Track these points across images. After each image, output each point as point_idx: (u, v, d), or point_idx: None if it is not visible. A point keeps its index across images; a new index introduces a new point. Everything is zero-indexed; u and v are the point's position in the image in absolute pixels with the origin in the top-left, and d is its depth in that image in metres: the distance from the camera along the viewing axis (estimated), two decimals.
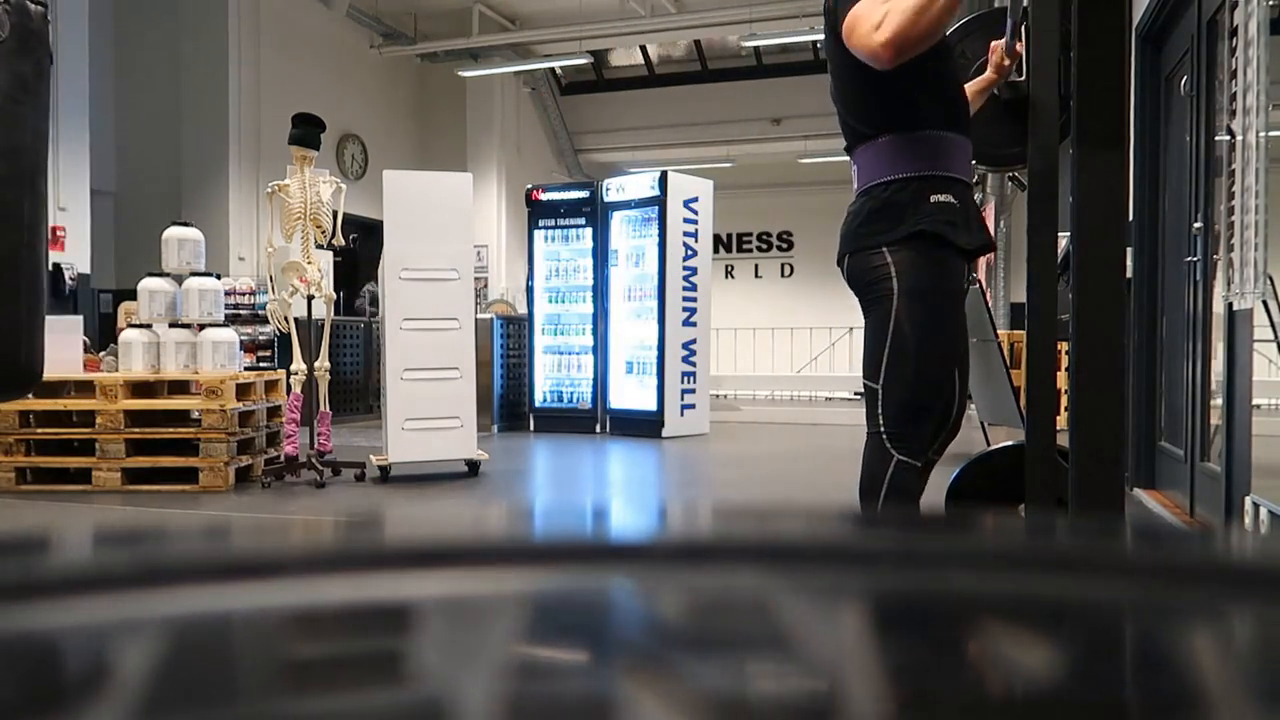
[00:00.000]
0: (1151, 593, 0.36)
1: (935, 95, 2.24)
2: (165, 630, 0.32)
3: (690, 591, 0.36)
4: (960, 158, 2.27)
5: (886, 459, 2.19)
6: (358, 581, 0.36)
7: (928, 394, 2.23)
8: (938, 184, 2.19)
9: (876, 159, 2.24)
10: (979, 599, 0.36)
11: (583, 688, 0.29)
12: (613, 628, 0.35)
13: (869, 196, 2.25)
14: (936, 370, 2.22)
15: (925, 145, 2.21)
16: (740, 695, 0.29)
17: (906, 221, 2.17)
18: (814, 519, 0.47)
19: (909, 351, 2.17)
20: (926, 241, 2.17)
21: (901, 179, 2.20)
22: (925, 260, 2.17)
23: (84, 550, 0.45)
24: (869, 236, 2.21)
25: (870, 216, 2.22)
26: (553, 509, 0.80)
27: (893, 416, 2.20)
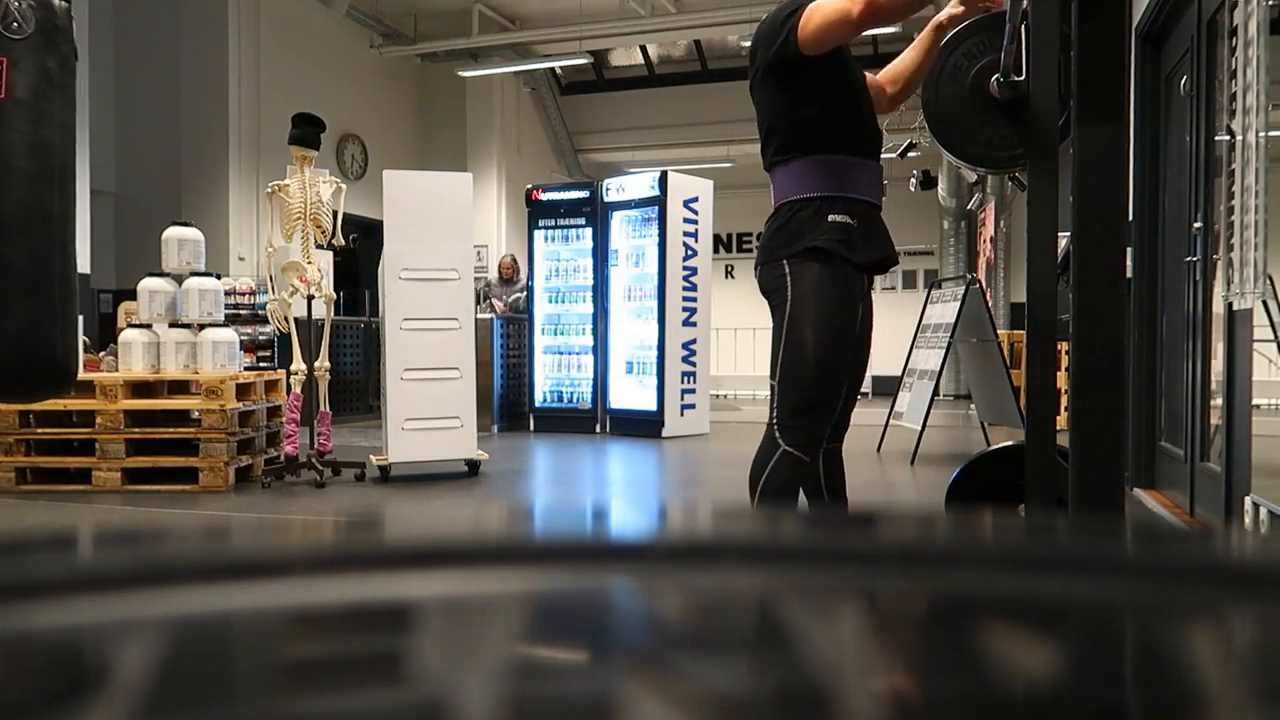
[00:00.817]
0: (1151, 593, 0.36)
1: (841, 123, 2.46)
2: (165, 630, 0.32)
3: (690, 591, 0.36)
4: (862, 180, 2.48)
5: (774, 448, 2.40)
6: (358, 581, 0.36)
7: (819, 391, 2.42)
8: (836, 204, 2.42)
9: (785, 179, 2.48)
10: (979, 599, 0.36)
11: (583, 688, 0.29)
12: (612, 628, 0.35)
13: (778, 214, 2.50)
14: (827, 370, 2.41)
15: (828, 168, 2.44)
16: (740, 695, 0.29)
17: (805, 238, 2.40)
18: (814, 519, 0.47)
19: (802, 353, 2.38)
20: (821, 256, 2.39)
21: (804, 199, 2.44)
22: (818, 272, 2.39)
23: (84, 550, 0.45)
24: (774, 250, 2.45)
25: (776, 233, 2.47)
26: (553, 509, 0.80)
27: (786, 411, 2.41)
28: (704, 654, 0.31)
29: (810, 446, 2.41)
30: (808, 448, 2.40)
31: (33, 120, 2.52)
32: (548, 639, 0.34)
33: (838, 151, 2.43)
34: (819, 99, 2.43)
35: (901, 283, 15.12)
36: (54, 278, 2.59)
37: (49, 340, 2.59)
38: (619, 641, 0.33)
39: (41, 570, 0.38)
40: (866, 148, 2.50)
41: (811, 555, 0.40)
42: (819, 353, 2.37)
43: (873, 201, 2.49)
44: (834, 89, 2.45)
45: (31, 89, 2.51)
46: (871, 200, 2.48)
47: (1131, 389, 4.67)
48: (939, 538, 0.46)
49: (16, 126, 2.51)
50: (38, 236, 2.55)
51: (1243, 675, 0.31)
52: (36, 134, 2.52)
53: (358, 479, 5.43)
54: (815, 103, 2.43)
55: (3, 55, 2.49)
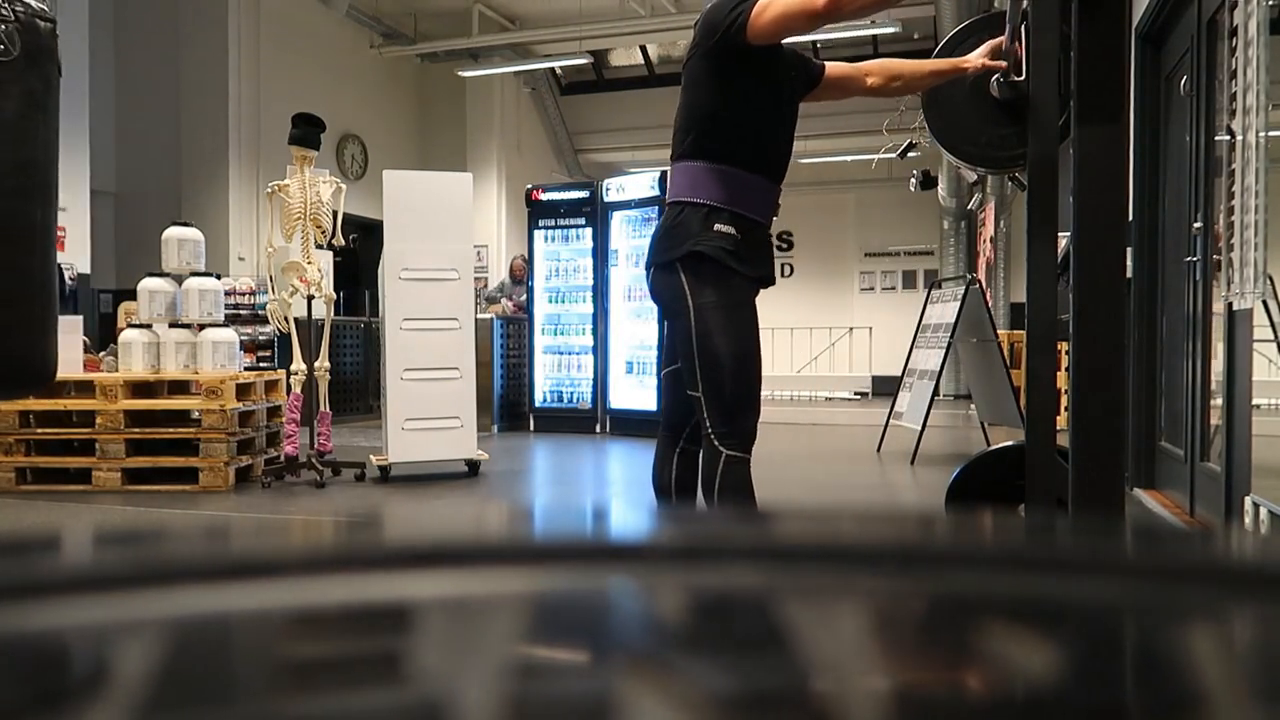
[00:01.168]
0: (1152, 593, 0.36)
1: (753, 140, 2.47)
2: (165, 630, 0.32)
3: (690, 591, 0.36)
4: (757, 200, 2.48)
5: (717, 456, 2.43)
6: (358, 581, 0.36)
7: (742, 390, 2.45)
8: (723, 216, 2.41)
9: (683, 179, 2.48)
10: (979, 599, 0.36)
11: (582, 688, 0.29)
12: (612, 628, 0.35)
13: (668, 212, 2.51)
14: (744, 368, 2.45)
15: (726, 179, 2.43)
16: (740, 695, 0.29)
17: (689, 242, 2.41)
18: (814, 519, 0.47)
19: (717, 360, 2.41)
20: (708, 263, 2.40)
21: (694, 203, 2.43)
22: (711, 279, 2.40)
23: (84, 550, 0.45)
24: (663, 252, 2.46)
25: (665, 233, 2.47)
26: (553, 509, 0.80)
27: (717, 418, 2.43)
28: (703, 654, 0.31)
29: (748, 444, 2.46)
30: (747, 447, 2.46)
31: (16, 141, 2.58)
32: (547, 639, 0.34)
33: (740, 166, 2.44)
34: (741, 107, 2.43)
35: (901, 283, 15.13)
36: (35, 287, 2.67)
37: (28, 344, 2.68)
38: (618, 641, 0.33)
39: (41, 570, 0.38)
40: (771, 169, 2.51)
41: (811, 555, 0.40)
42: (733, 354, 2.41)
43: (760, 221, 2.50)
44: (759, 101, 2.45)
45: (16, 111, 2.56)
46: (759, 220, 2.49)
47: (1131, 389, 4.67)
48: (939, 538, 0.46)
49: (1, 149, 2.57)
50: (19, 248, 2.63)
51: (1243, 675, 0.31)
52: (19, 154, 2.59)
53: (358, 479, 5.43)
54: (736, 109, 2.43)
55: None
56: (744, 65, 2.41)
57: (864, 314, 14.63)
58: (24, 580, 0.36)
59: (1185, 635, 0.33)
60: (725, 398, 2.42)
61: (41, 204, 2.65)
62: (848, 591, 0.36)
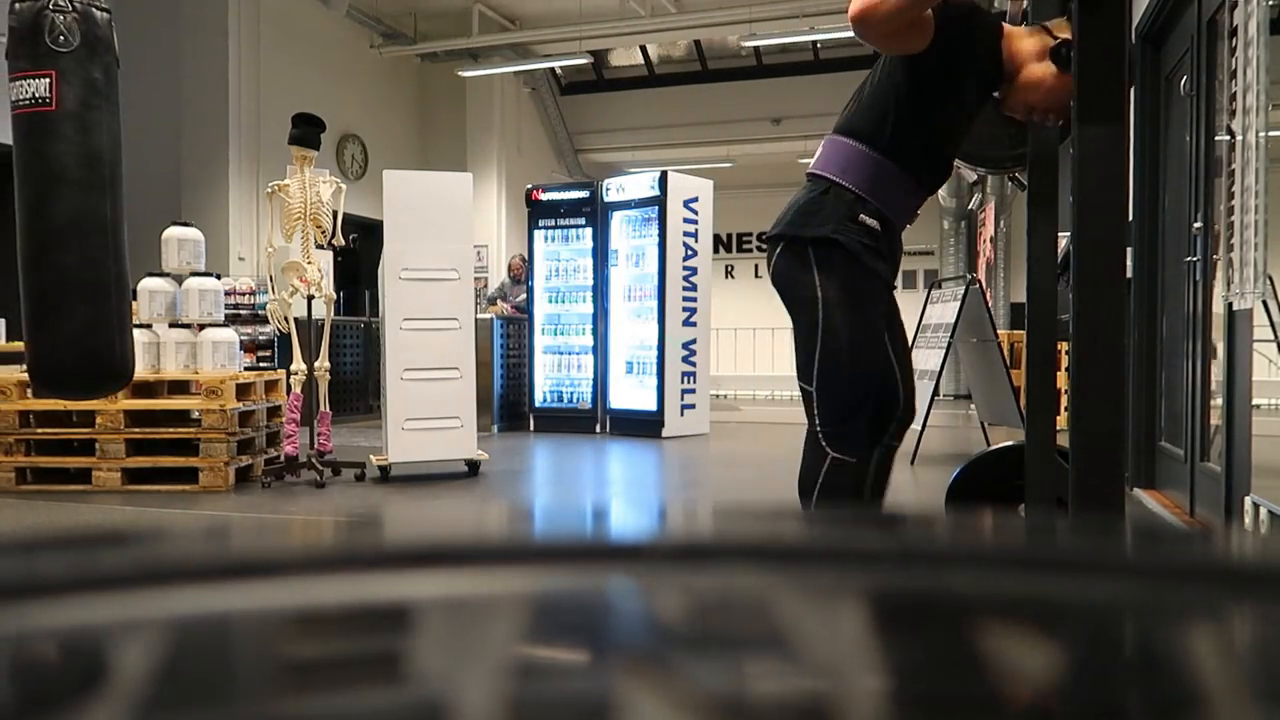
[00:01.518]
0: (1151, 593, 0.36)
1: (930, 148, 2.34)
2: (165, 630, 0.32)
3: (690, 591, 0.36)
4: (905, 205, 2.36)
5: (822, 457, 2.33)
6: (358, 581, 0.36)
7: (860, 393, 2.34)
8: (870, 209, 2.29)
9: (838, 156, 2.33)
10: (979, 599, 0.36)
11: (583, 688, 0.29)
12: (612, 628, 0.35)
13: (810, 186, 2.36)
14: (864, 374, 2.34)
15: (885, 175, 2.31)
16: (740, 695, 0.29)
17: (828, 225, 2.27)
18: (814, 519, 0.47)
19: (838, 356, 2.29)
20: (841, 253, 2.27)
21: (844, 186, 2.30)
22: (846, 270, 2.28)
23: (84, 550, 0.45)
24: (797, 225, 2.32)
25: (803, 208, 2.33)
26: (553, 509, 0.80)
27: (828, 417, 2.32)
28: (703, 654, 0.31)
29: (857, 448, 2.34)
30: (855, 450, 2.33)
31: (82, 130, 2.59)
32: (547, 639, 0.34)
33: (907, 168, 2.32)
34: (939, 118, 2.30)
35: (901, 283, 15.00)
36: (109, 281, 2.67)
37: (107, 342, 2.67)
38: (618, 641, 0.33)
39: (41, 570, 0.38)
40: (933, 181, 2.40)
41: (811, 555, 0.40)
42: (856, 355, 2.29)
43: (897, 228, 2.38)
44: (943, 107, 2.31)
45: (79, 99, 2.58)
46: (898, 226, 2.37)
47: (1131, 389, 4.66)
48: (939, 538, 0.46)
49: (67, 136, 2.59)
50: (92, 242, 2.63)
51: (1242, 675, 0.31)
52: (86, 143, 2.60)
53: (358, 479, 5.42)
54: (932, 118, 2.30)
55: (51, 68, 2.55)
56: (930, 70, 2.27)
57: None
58: (24, 580, 0.36)
59: (1185, 635, 0.33)
60: (841, 398, 2.32)
61: (111, 196, 2.65)
62: (847, 592, 0.36)
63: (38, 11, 2.54)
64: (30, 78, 2.55)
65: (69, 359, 2.64)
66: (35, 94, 2.55)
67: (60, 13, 2.54)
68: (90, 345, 2.66)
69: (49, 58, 2.55)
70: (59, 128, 2.58)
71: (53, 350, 2.65)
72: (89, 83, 2.61)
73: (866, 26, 2.13)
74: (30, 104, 2.55)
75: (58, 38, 2.53)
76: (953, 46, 2.23)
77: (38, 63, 2.56)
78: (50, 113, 2.56)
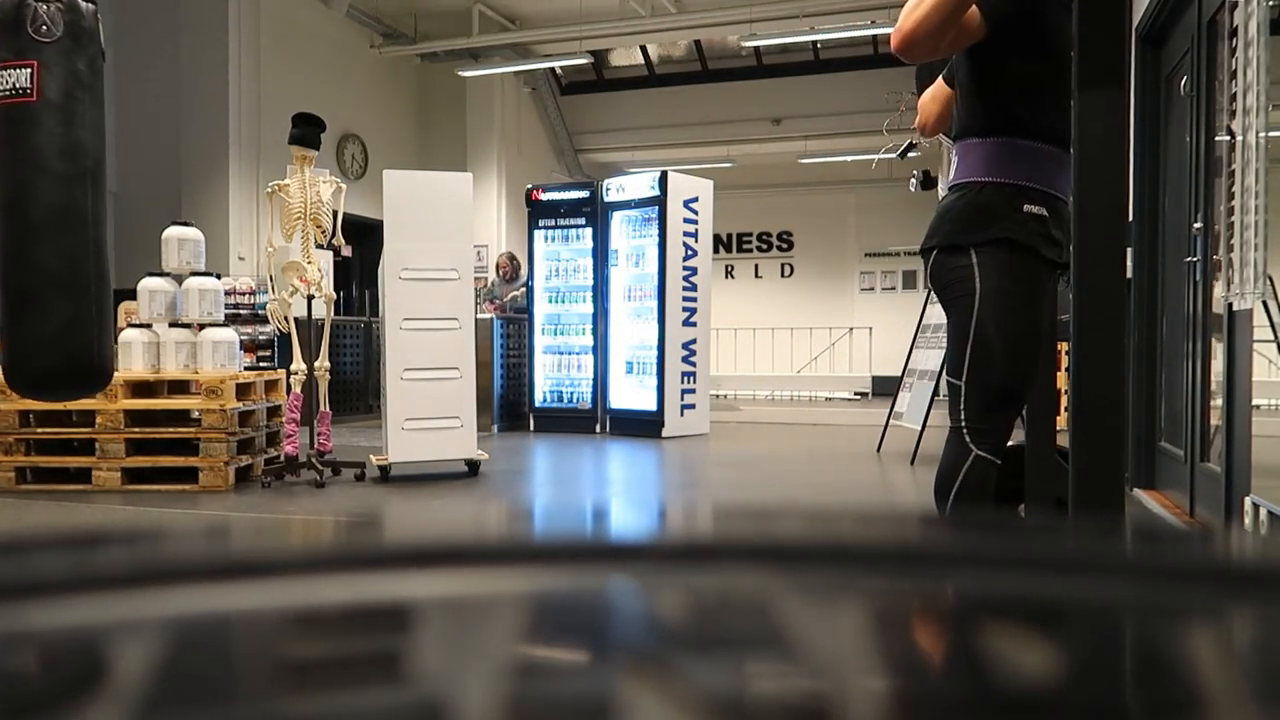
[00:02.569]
0: (1151, 593, 0.36)
1: (1040, 106, 2.23)
2: (165, 630, 0.32)
3: (690, 591, 0.36)
4: (1059, 173, 2.23)
5: (965, 453, 2.24)
6: (358, 581, 0.36)
7: (1009, 391, 2.26)
8: (1033, 195, 2.20)
9: (975, 157, 2.25)
10: (979, 599, 0.36)
11: (582, 688, 0.29)
12: (612, 628, 0.35)
13: (962, 193, 2.27)
14: (1017, 368, 2.26)
15: (1025, 154, 2.22)
16: (740, 695, 0.29)
17: (996, 226, 2.19)
18: (814, 519, 0.47)
19: (992, 351, 2.21)
20: (1013, 248, 2.19)
21: (996, 183, 2.21)
22: (1009, 266, 2.20)
23: (84, 550, 0.45)
24: (958, 235, 2.24)
25: (961, 215, 2.24)
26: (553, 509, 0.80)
27: (975, 412, 2.24)
28: (703, 654, 0.31)
29: (1001, 448, 2.27)
30: (999, 449, 2.27)
31: (64, 122, 2.56)
32: (547, 639, 0.34)
33: (1039, 139, 2.22)
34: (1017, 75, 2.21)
35: (901, 283, 15.13)
36: (89, 279, 2.62)
37: (85, 343, 2.62)
38: (618, 642, 0.33)
39: (41, 570, 0.38)
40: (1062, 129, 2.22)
41: (811, 555, 0.40)
42: (1009, 349, 2.21)
43: (1066, 199, 2.23)
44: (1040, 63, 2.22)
45: (62, 91, 2.55)
46: (1065, 197, 2.23)
47: (1131, 389, 4.66)
48: (939, 538, 0.46)
49: (49, 128, 2.55)
50: (72, 238, 2.59)
51: (1242, 675, 0.31)
52: (68, 135, 2.56)
53: (358, 479, 5.42)
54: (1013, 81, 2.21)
55: (33, 59, 2.53)
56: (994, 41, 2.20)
57: (864, 314, 14.64)
58: (24, 580, 0.36)
59: (1185, 636, 0.33)
60: (991, 392, 2.23)
61: (92, 190, 2.62)
62: (847, 592, 0.36)
63: (20, 1, 2.52)
64: (11, 68, 2.53)
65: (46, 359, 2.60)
66: (16, 84, 2.52)
67: (44, 2, 2.52)
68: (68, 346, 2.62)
69: (31, 48, 2.53)
70: (40, 119, 2.55)
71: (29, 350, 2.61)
72: (72, 74, 2.58)
73: (911, 55, 2.11)
74: (10, 94, 2.52)
75: (40, 28, 2.52)
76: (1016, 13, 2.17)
77: (19, 53, 2.54)
78: (31, 104, 2.54)
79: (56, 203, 2.59)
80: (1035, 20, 2.21)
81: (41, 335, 2.59)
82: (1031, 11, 2.20)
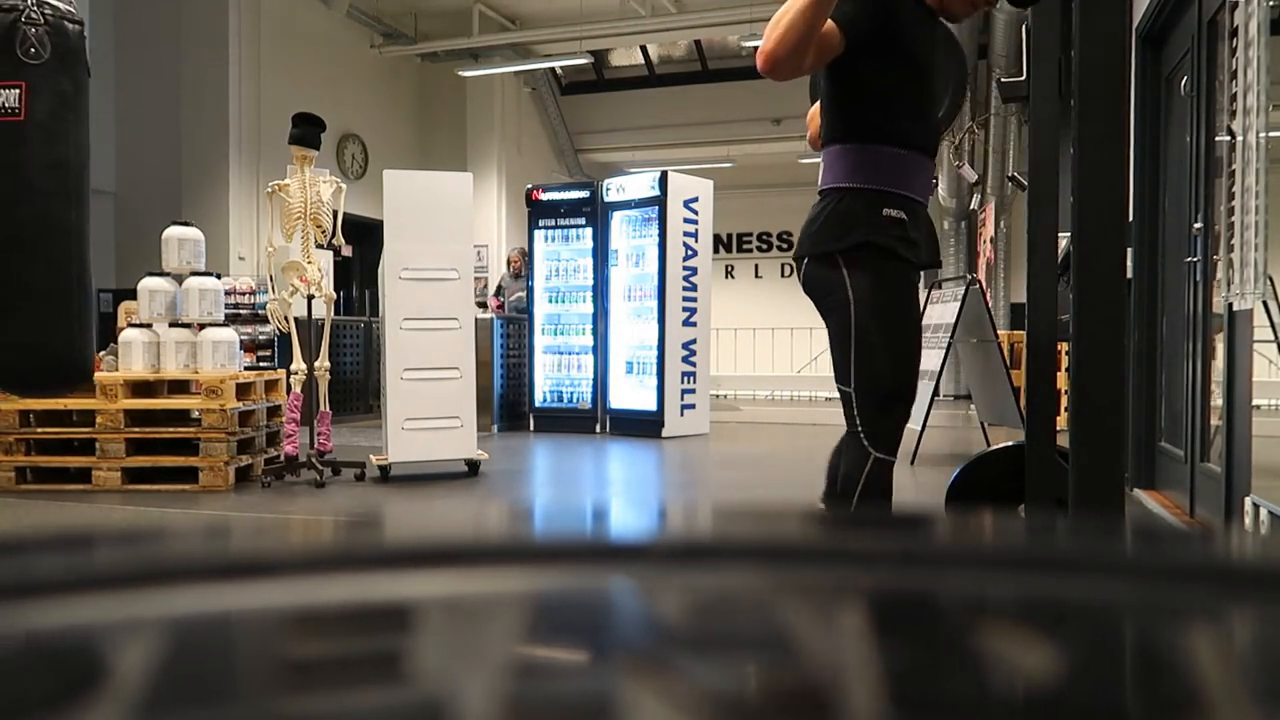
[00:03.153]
0: (1151, 593, 0.36)
1: (898, 114, 2.32)
2: (165, 630, 0.32)
3: (690, 591, 0.36)
4: (917, 177, 2.34)
5: (865, 457, 2.30)
6: (358, 581, 0.36)
7: (897, 391, 2.34)
8: (892, 200, 2.28)
9: (837, 164, 2.34)
10: (978, 599, 0.36)
11: (582, 688, 0.29)
12: (612, 628, 0.35)
13: (826, 201, 2.35)
14: (901, 368, 2.33)
15: (884, 161, 2.30)
16: (740, 695, 0.28)
17: (857, 231, 2.27)
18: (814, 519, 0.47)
19: (874, 357, 2.29)
20: (876, 252, 2.27)
21: (857, 189, 2.29)
22: (876, 270, 2.27)
23: (84, 550, 0.45)
24: (825, 243, 2.31)
25: (826, 222, 2.32)
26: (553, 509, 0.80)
27: (869, 416, 2.31)
28: (703, 654, 0.31)
29: (895, 446, 2.34)
30: (894, 450, 2.34)
31: (49, 140, 2.63)
32: (547, 639, 0.34)
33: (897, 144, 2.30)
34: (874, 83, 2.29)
35: None
36: (71, 287, 2.71)
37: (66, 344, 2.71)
38: (618, 642, 0.33)
39: (41, 570, 0.38)
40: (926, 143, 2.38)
41: (810, 555, 0.40)
42: (893, 351, 2.29)
43: (924, 201, 2.36)
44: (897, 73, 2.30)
45: (48, 111, 2.62)
46: (923, 200, 2.36)
47: (1131, 389, 4.66)
48: (939, 538, 0.46)
49: (35, 147, 2.62)
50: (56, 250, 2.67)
51: (1242, 675, 0.31)
52: (53, 153, 2.64)
53: (358, 479, 5.42)
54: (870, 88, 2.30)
55: (21, 80, 2.59)
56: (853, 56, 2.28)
57: None
58: (24, 580, 0.36)
59: (1185, 635, 0.33)
60: (880, 395, 2.30)
61: (75, 204, 2.70)
62: (847, 592, 0.36)
63: (10, 24, 2.58)
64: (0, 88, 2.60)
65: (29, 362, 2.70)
66: (5, 104, 2.60)
67: (32, 25, 2.57)
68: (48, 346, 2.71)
69: (20, 69, 2.59)
70: (27, 137, 2.63)
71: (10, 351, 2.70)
72: (59, 94, 2.66)
73: (777, 74, 2.19)
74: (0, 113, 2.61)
75: (29, 49, 2.57)
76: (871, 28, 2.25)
77: (8, 74, 2.61)
78: (19, 122, 2.61)
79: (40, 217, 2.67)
80: (891, 32, 2.29)
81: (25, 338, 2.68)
82: (886, 24, 2.28)
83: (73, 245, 2.69)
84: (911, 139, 2.31)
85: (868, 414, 2.30)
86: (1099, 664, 0.31)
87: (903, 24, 2.30)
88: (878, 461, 2.30)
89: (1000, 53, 10.18)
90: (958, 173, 11.35)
